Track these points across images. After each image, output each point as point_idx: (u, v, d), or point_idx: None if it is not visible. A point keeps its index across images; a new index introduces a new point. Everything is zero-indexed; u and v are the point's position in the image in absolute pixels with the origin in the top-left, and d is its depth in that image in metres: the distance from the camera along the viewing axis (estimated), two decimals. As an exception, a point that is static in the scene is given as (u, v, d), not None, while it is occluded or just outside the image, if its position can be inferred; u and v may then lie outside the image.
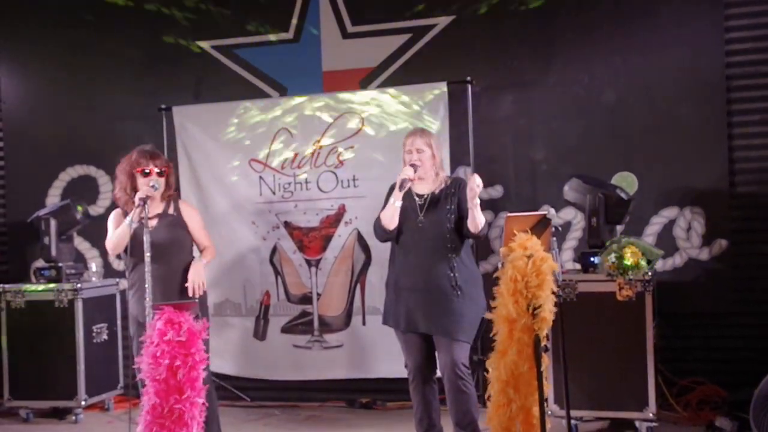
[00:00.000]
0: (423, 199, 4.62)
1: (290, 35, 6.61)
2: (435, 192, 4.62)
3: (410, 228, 4.57)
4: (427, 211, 4.56)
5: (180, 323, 3.89)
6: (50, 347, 6.25)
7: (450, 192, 4.59)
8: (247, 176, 6.53)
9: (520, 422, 3.91)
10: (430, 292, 4.46)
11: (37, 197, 7.05)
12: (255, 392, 6.52)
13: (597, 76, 6.07)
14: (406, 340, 4.60)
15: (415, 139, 4.65)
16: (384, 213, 4.57)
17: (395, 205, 4.51)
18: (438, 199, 4.59)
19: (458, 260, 4.48)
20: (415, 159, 4.58)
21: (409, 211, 4.59)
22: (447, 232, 4.50)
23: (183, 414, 3.92)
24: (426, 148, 4.62)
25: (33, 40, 7.12)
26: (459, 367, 4.38)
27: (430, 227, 4.53)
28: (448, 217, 4.52)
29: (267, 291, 6.53)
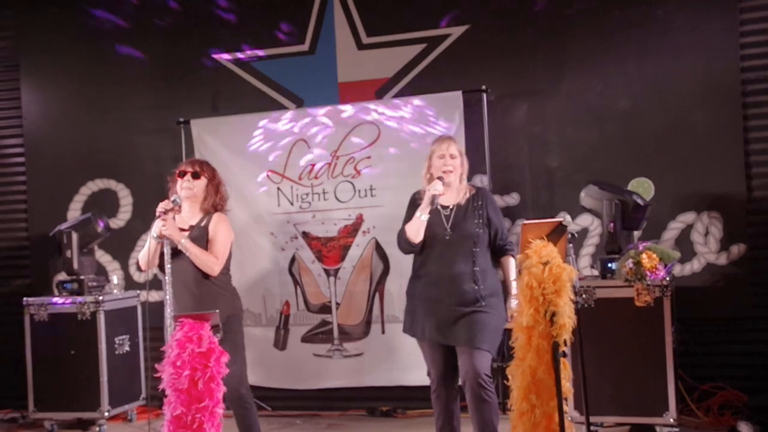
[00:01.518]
0: (449, 210, 4.54)
1: (306, 47, 6.65)
2: (461, 203, 4.56)
3: (437, 240, 4.50)
4: (453, 224, 4.50)
5: (200, 335, 3.92)
6: (73, 359, 6.28)
7: (477, 204, 4.54)
8: (265, 187, 6.56)
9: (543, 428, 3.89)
10: (454, 304, 4.40)
11: (59, 211, 7.11)
12: (276, 402, 6.54)
13: (611, 83, 6.07)
14: (430, 350, 4.54)
15: (450, 144, 4.60)
16: (409, 226, 4.50)
17: (422, 219, 4.45)
18: (465, 211, 4.53)
19: (482, 273, 4.43)
20: (448, 164, 4.52)
21: (435, 224, 4.50)
22: (474, 245, 4.45)
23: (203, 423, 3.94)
24: (458, 154, 4.59)
25: (53, 56, 7.19)
26: (481, 376, 4.32)
27: (457, 240, 4.47)
28: (476, 231, 4.46)
29: (287, 301, 6.55)
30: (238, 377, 4.44)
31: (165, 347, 4.08)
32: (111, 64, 7.06)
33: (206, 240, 4.69)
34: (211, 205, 4.78)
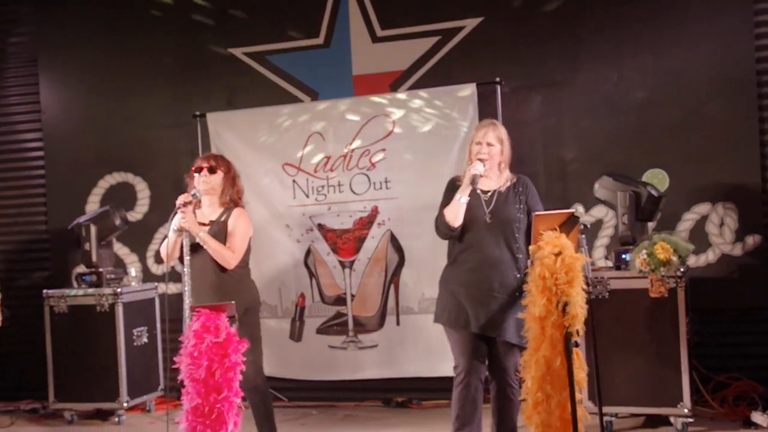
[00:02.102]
0: (488, 195, 4.43)
1: (321, 41, 6.69)
2: (501, 189, 4.45)
3: (476, 224, 4.37)
4: (494, 207, 4.38)
5: (216, 325, 3.97)
6: (92, 350, 6.37)
7: (518, 191, 4.45)
8: (280, 180, 6.61)
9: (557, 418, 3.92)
10: (494, 293, 4.29)
11: (78, 205, 7.18)
12: (292, 392, 6.60)
13: (626, 74, 6.07)
14: (461, 339, 4.38)
15: (488, 131, 4.47)
16: (448, 209, 4.36)
17: (461, 202, 4.31)
18: (506, 197, 4.42)
19: (524, 260, 4.30)
20: (484, 152, 4.41)
21: (475, 208, 4.38)
22: (516, 230, 4.35)
23: (222, 413, 3.99)
24: (497, 142, 4.45)
25: (71, 51, 7.26)
26: (511, 375, 4.28)
27: (498, 225, 4.35)
28: (517, 216, 4.37)
29: (302, 293, 6.60)
30: (254, 367, 4.50)
31: (182, 338, 4.13)
32: (128, 59, 7.12)
33: (225, 235, 4.75)
34: (229, 198, 4.85)
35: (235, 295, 4.49)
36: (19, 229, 7.28)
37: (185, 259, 4.53)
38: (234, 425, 4.05)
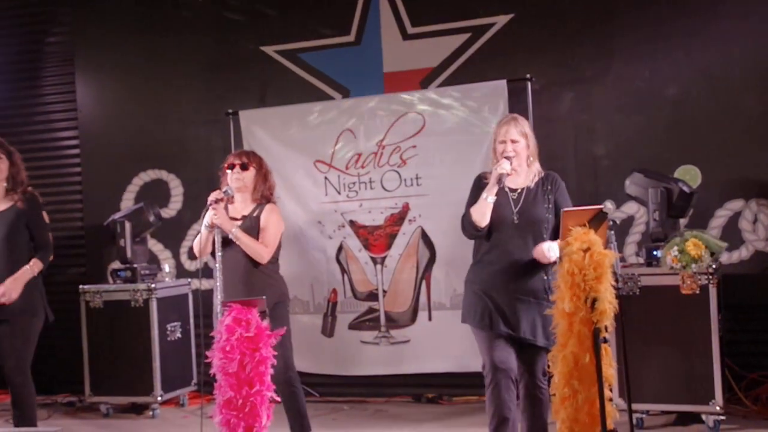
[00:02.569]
0: (517, 193, 4.31)
1: (352, 38, 6.73)
2: (530, 186, 4.33)
3: (503, 224, 4.26)
4: (522, 208, 4.27)
5: (248, 320, 4.02)
6: (127, 345, 6.47)
7: (546, 189, 4.32)
8: (312, 177, 6.65)
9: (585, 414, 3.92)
10: (521, 293, 4.21)
11: (113, 201, 7.28)
12: (323, 388, 6.65)
13: (659, 70, 6.03)
14: (488, 340, 4.28)
15: (509, 128, 4.33)
16: (475, 209, 4.25)
17: (488, 201, 4.20)
18: (534, 195, 4.31)
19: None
20: (509, 151, 4.28)
21: (502, 207, 4.26)
22: (545, 230, 4.23)
23: (255, 406, 4.03)
24: (521, 138, 4.32)
25: (106, 50, 7.37)
26: (539, 376, 4.23)
27: (526, 225, 4.24)
28: (545, 216, 4.25)
29: (334, 289, 6.64)
30: (284, 362, 4.55)
31: (214, 333, 4.19)
32: (162, 58, 7.21)
33: (257, 230, 4.81)
34: (261, 194, 4.91)
35: (264, 290, 4.56)
36: (56, 226, 7.36)
37: (217, 255, 4.60)
38: (267, 418, 4.10)
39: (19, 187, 5.07)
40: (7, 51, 7.62)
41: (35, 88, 7.62)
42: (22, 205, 5.02)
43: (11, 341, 4.93)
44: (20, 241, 4.99)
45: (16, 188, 5.05)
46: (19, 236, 4.99)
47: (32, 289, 5.02)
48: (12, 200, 5.04)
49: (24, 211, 5.01)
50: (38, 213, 5.07)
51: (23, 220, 5.01)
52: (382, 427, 5.84)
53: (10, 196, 5.06)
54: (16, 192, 5.05)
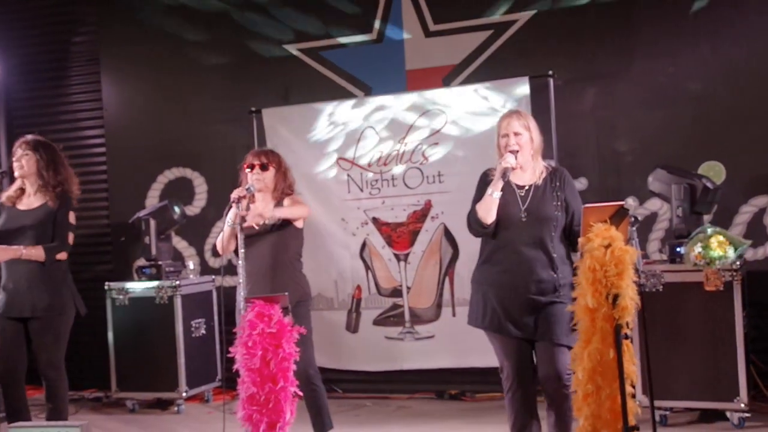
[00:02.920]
0: (524, 190, 4.14)
1: (374, 36, 6.74)
2: (537, 182, 4.16)
3: (511, 222, 4.10)
4: (530, 205, 4.10)
5: (270, 316, 4.04)
6: (152, 341, 6.54)
7: (555, 185, 4.15)
8: (335, 175, 6.68)
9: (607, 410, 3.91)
10: (530, 293, 4.05)
11: (138, 199, 7.36)
12: (346, 384, 6.69)
13: (682, 66, 6.00)
14: (502, 342, 4.17)
15: (511, 121, 4.16)
16: (480, 205, 4.09)
17: (493, 197, 4.04)
18: (542, 192, 4.14)
19: (560, 259, 4.08)
20: (512, 144, 4.11)
21: (509, 204, 4.11)
22: (553, 228, 4.07)
23: (279, 402, 4.06)
24: (524, 131, 4.14)
25: (131, 50, 7.43)
26: (562, 376, 4.01)
27: (534, 222, 4.08)
28: (554, 214, 4.09)
29: (358, 285, 6.67)
30: (306, 359, 4.56)
31: (237, 329, 4.22)
32: (186, 57, 7.27)
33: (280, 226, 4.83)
34: (281, 192, 4.93)
35: (287, 287, 4.58)
36: (83, 224, 7.41)
37: (240, 252, 4.63)
38: (290, 414, 4.12)
39: (54, 186, 5.08)
40: (34, 52, 7.71)
41: (62, 88, 7.71)
42: (53, 204, 5.05)
43: (42, 338, 5.00)
44: (46, 239, 5.04)
45: (47, 186, 5.08)
46: (46, 234, 5.03)
47: (60, 287, 5.07)
48: (45, 198, 5.08)
49: (53, 210, 5.05)
50: (64, 212, 5.08)
51: (51, 219, 5.05)
52: (405, 424, 5.86)
53: (43, 194, 5.09)
54: (49, 190, 5.08)
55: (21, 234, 5.00)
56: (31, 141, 5.12)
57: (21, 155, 5.07)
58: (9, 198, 5.11)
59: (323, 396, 4.87)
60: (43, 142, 5.16)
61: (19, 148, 5.10)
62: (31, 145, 5.09)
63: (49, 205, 5.05)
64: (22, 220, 5.03)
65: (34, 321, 4.99)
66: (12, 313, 5.00)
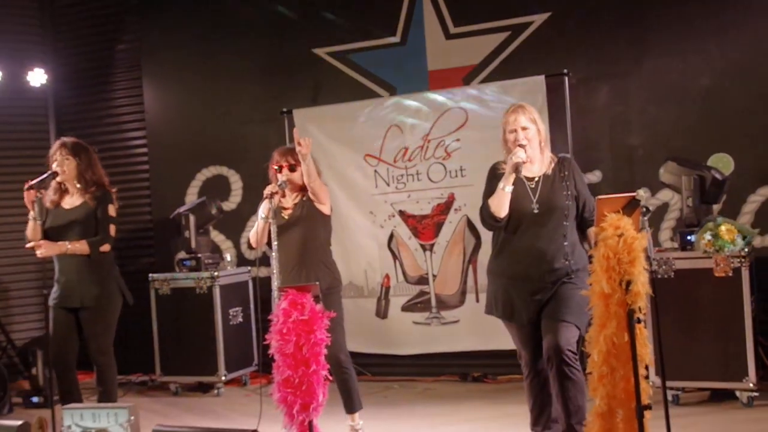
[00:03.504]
0: (534, 182, 4.08)
1: (398, 39, 6.76)
2: (547, 174, 4.10)
3: (523, 214, 4.03)
4: (541, 197, 4.05)
5: (303, 304, 4.08)
6: (193, 329, 6.61)
7: (564, 175, 4.09)
8: (363, 170, 6.72)
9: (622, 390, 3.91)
10: (545, 282, 4.02)
11: (178, 196, 7.43)
12: (375, 368, 6.73)
13: (691, 63, 5.96)
14: (518, 331, 4.15)
15: (518, 116, 4.08)
16: (493, 200, 4.02)
17: (505, 191, 3.97)
18: (552, 183, 4.07)
19: (571, 247, 4.05)
20: (520, 138, 4.04)
21: (520, 197, 4.04)
22: (565, 218, 4.03)
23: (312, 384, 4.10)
24: (530, 124, 4.06)
25: (171, 56, 7.51)
26: (564, 351, 3.91)
27: (546, 213, 4.03)
28: (565, 204, 4.04)
29: (387, 274, 6.71)
30: (337, 344, 4.59)
31: (272, 316, 4.27)
32: (222, 61, 7.33)
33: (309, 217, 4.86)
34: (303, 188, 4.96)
35: (318, 275, 4.65)
36: (127, 220, 7.52)
37: (273, 245, 4.68)
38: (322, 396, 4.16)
39: (91, 185, 5.14)
40: (80, 60, 7.82)
41: (106, 93, 7.81)
42: (92, 203, 5.11)
43: (92, 327, 5.08)
44: (90, 234, 5.10)
45: (87, 186, 5.14)
46: (90, 229, 5.10)
47: (107, 279, 5.15)
48: (84, 197, 5.14)
49: (93, 208, 5.11)
50: (105, 207, 5.13)
51: (93, 217, 5.10)
52: (431, 405, 5.89)
53: (82, 194, 5.15)
54: (88, 190, 5.14)
55: (68, 230, 5.08)
56: (70, 145, 5.16)
57: (62, 160, 5.11)
58: (52, 201, 5.18)
59: (354, 379, 4.90)
60: (80, 145, 5.21)
61: (59, 153, 5.12)
62: (71, 149, 5.13)
63: (88, 204, 5.11)
64: (67, 218, 5.10)
65: (84, 311, 5.08)
66: (64, 303, 5.10)
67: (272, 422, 4.71)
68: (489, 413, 5.51)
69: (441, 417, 5.53)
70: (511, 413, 5.25)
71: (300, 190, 4.92)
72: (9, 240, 7.27)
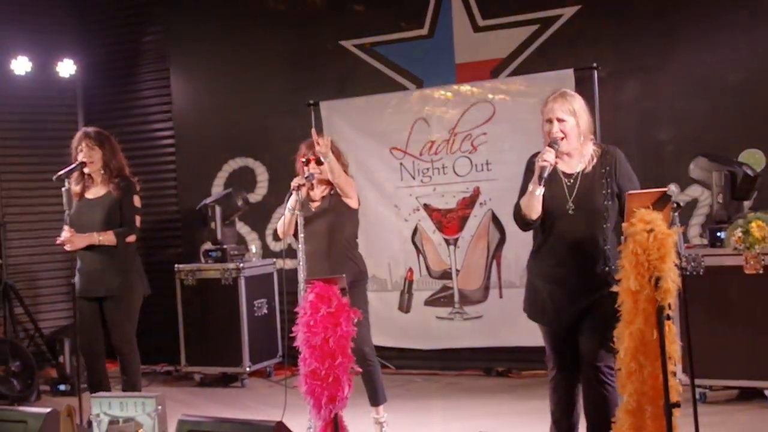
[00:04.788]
0: (572, 179, 3.79)
1: (425, 31, 6.73)
2: (586, 170, 3.79)
3: (558, 215, 3.77)
4: (578, 196, 3.76)
5: (330, 297, 4.08)
6: (218, 320, 6.65)
7: (604, 170, 3.78)
8: (388, 163, 6.72)
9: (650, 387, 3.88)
10: (581, 287, 3.78)
11: (204, 188, 7.46)
12: (398, 361, 6.73)
13: (723, 56, 5.88)
14: (549, 334, 3.96)
15: (555, 105, 3.75)
16: (524, 200, 3.77)
17: (536, 194, 3.69)
18: (591, 180, 3.77)
19: (612, 250, 3.76)
20: (555, 131, 3.74)
21: (556, 196, 3.77)
22: (604, 220, 3.75)
23: (339, 377, 4.10)
24: (568, 116, 3.73)
25: (197, 48, 7.54)
26: (602, 370, 3.77)
27: (583, 216, 3.74)
28: (605, 204, 3.76)
29: (410, 268, 6.71)
30: (361, 336, 4.59)
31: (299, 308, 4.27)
32: (249, 53, 7.34)
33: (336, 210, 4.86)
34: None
35: (344, 267, 4.65)
36: (154, 211, 7.59)
37: (299, 236, 4.68)
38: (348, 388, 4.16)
39: (115, 175, 5.15)
40: (108, 51, 7.86)
41: (134, 84, 7.85)
42: (116, 192, 5.13)
43: (115, 316, 5.12)
44: (115, 224, 5.12)
45: (111, 176, 5.15)
46: (113, 221, 5.12)
47: (129, 269, 5.17)
48: (108, 187, 5.16)
49: (117, 198, 5.13)
50: (129, 198, 5.16)
51: (117, 206, 5.13)
52: (454, 399, 5.89)
53: (106, 183, 5.17)
54: (112, 179, 5.16)
55: (92, 221, 5.10)
56: (94, 135, 5.17)
57: (88, 151, 5.12)
58: (76, 192, 5.20)
59: (378, 372, 4.90)
60: (103, 134, 5.22)
61: (84, 143, 5.13)
62: (96, 139, 5.15)
63: (112, 194, 5.13)
64: (92, 208, 5.13)
65: (107, 300, 5.11)
66: (88, 293, 5.13)
67: (297, 413, 4.73)
68: (514, 408, 5.50)
69: (465, 411, 5.53)
70: (536, 408, 5.19)
71: (328, 183, 4.91)
72: (37, 230, 7.36)
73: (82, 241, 5.05)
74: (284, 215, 4.87)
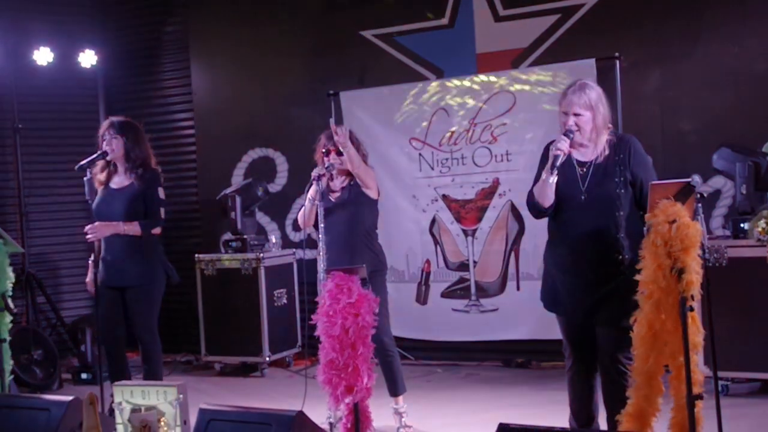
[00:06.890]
0: (585, 167, 3.79)
1: (446, 21, 6.69)
2: (599, 159, 3.79)
3: (571, 204, 3.78)
4: (590, 183, 3.76)
5: (350, 287, 4.07)
6: (238, 310, 6.66)
7: (618, 158, 3.76)
8: (408, 154, 6.70)
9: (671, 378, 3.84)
10: (595, 276, 3.76)
11: (224, 178, 7.47)
12: (418, 352, 6.72)
13: (746, 46, 5.81)
14: (565, 324, 3.95)
15: (573, 99, 3.75)
16: (537, 188, 3.80)
17: (549, 182, 3.71)
18: (604, 168, 3.77)
19: (627, 238, 3.74)
20: (570, 124, 3.75)
21: (569, 184, 3.77)
22: (616, 208, 3.73)
23: (357, 367, 4.09)
24: (584, 111, 3.74)
25: (218, 38, 7.55)
26: (620, 360, 3.77)
27: (596, 203, 3.74)
28: (617, 192, 3.74)
29: (427, 259, 6.69)
30: (381, 327, 4.59)
31: (319, 298, 4.27)
32: (269, 44, 7.33)
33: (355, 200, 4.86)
34: None
35: (363, 257, 4.65)
36: (174, 200, 7.59)
37: (320, 227, 4.68)
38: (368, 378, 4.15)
39: (138, 164, 5.15)
40: (129, 41, 7.89)
41: (154, 74, 7.88)
42: (139, 183, 5.13)
43: (137, 305, 5.14)
44: (139, 214, 5.13)
45: (134, 165, 5.16)
46: (137, 213, 5.12)
47: (151, 259, 5.18)
48: (131, 178, 5.17)
49: (141, 189, 5.13)
50: (153, 190, 5.16)
51: (140, 197, 5.13)
52: (474, 390, 5.88)
53: (129, 173, 5.17)
54: (135, 170, 5.17)
55: (114, 211, 5.10)
56: (117, 124, 5.17)
57: (110, 139, 5.12)
58: (100, 181, 5.22)
59: (398, 362, 4.90)
60: (128, 123, 5.22)
61: (107, 132, 5.14)
62: (118, 128, 5.15)
63: (135, 185, 5.14)
64: (115, 198, 5.13)
65: (129, 290, 5.13)
66: (111, 282, 5.15)
67: (316, 403, 4.74)
68: (534, 399, 5.48)
69: (485, 402, 5.51)
70: (555, 399, 5.16)
71: (348, 174, 4.91)
72: (59, 219, 7.41)
73: (107, 229, 5.07)
74: (305, 205, 4.87)
